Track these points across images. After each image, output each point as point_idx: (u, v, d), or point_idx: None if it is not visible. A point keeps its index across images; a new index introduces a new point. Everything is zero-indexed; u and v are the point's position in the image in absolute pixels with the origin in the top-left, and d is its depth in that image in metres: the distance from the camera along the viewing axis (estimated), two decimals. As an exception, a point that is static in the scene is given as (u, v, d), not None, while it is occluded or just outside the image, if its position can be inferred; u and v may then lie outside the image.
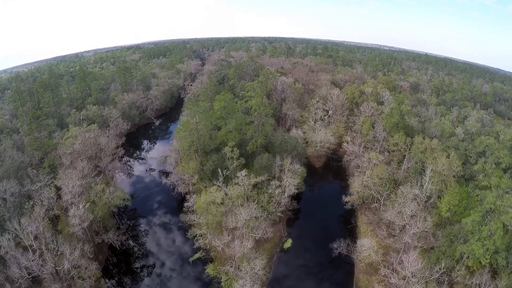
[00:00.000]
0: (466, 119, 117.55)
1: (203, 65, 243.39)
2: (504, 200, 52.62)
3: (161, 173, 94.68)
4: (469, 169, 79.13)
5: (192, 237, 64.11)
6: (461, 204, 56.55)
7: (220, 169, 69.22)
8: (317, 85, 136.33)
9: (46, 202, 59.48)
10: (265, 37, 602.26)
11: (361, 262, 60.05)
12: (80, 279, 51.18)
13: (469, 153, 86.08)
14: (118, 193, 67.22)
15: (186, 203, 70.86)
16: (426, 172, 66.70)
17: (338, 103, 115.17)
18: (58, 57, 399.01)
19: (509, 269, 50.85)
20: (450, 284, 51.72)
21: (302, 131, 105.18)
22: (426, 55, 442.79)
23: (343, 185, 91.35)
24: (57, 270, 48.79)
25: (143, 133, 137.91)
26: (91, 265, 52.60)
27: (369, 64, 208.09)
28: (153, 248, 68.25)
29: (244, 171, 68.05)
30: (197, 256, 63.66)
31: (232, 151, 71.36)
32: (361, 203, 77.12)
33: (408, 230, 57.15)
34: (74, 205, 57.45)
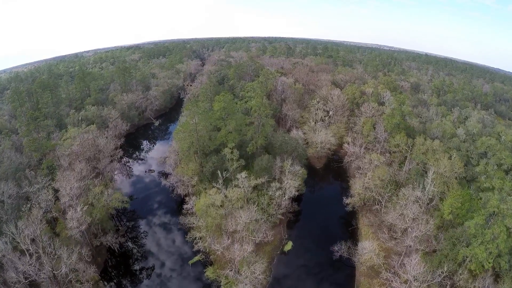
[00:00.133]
0: (467, 119, 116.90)
1: (203, 65, 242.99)
2: (508, 203, 51.97)
3: (161, 174, 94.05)
4: (470, 171, 78.57)
5: (191, 240, 63.48)
6: (464, 206, 55.92)
7: (219, 170, 68.61)
8: (317, 85, 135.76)
9: (43, 205, 58.74)
10: (265, 37, 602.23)
11: (362, 265, 59.42)
12: (78, 283, 50.55)
13: (471, 154, 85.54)
14: (116, 195, 66.42)
15: (185, 205, 70.13)
16: (428, 174, 66.05)
17: (339, 103, 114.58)
18: (58, 57, 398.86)
19: (512, 272, 50.24)
20: (452, 288, 51.11)
21: (303, 132, 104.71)
22: (426, 55, 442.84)
23: (344, 186, 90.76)
24: (54, 274, 48.16)
25: (143, 134, 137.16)
26: (89, 268, 51.94)
27: (369, 64, 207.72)
28: (152, 248, 67.77)
29: (244, 173, 67.45)
30: (196, 259, 63.11)
31: (232, 152, 70.73)
32: (362, 205, 76.45)
33: (410, 233, 56.50)
34: (72, 207, 56.78)
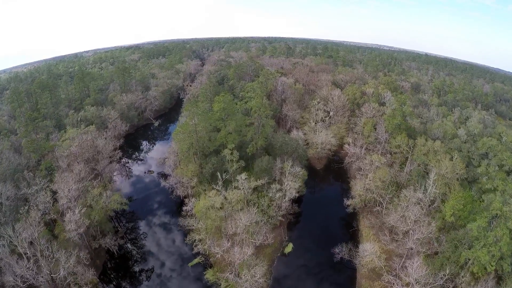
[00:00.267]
0: (468, 120, 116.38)
1: (202, 65, 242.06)
2: (511, 206, 51.50)
3: (160, 175, 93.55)
4: (472, 172, 77.98)
5: (191, 242, 62.95)
6: (466, 208, 55.40)
7: (219, 172, 67.98)
8: (317, 85, 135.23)
9: (42, 207, 58.28)
10: (265, 37, 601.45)
11: (363, 267, 58.85)
12: (76, 286, 50.07)
13: (472, 155, 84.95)
14: (115, 197, 65.84)
15: (184, 207, 69.55)
16: (430, 175, 65.44)
17: (339, 104, 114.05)
18: (58, 57, 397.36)
19: (515, 275, 49.74)
20: (454, 291, 50.63)
21: (303, 133, 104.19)
22: (426, 55, 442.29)
23: (345, 187, 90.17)
24: (52, 278, 47.67)
25: (142, 134, 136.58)
26: (87, 271, 51.43)
27: (369, 64, 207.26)
28: (152, 249, 67.34)
29: (244, 174, 66.85)
30: (196, 261, 62.60)
31: (231, 153, 70.12)
32: (363, 206, 75.97)
33: (411, 235, 56.01)
34: (70, 209, 56.27)
